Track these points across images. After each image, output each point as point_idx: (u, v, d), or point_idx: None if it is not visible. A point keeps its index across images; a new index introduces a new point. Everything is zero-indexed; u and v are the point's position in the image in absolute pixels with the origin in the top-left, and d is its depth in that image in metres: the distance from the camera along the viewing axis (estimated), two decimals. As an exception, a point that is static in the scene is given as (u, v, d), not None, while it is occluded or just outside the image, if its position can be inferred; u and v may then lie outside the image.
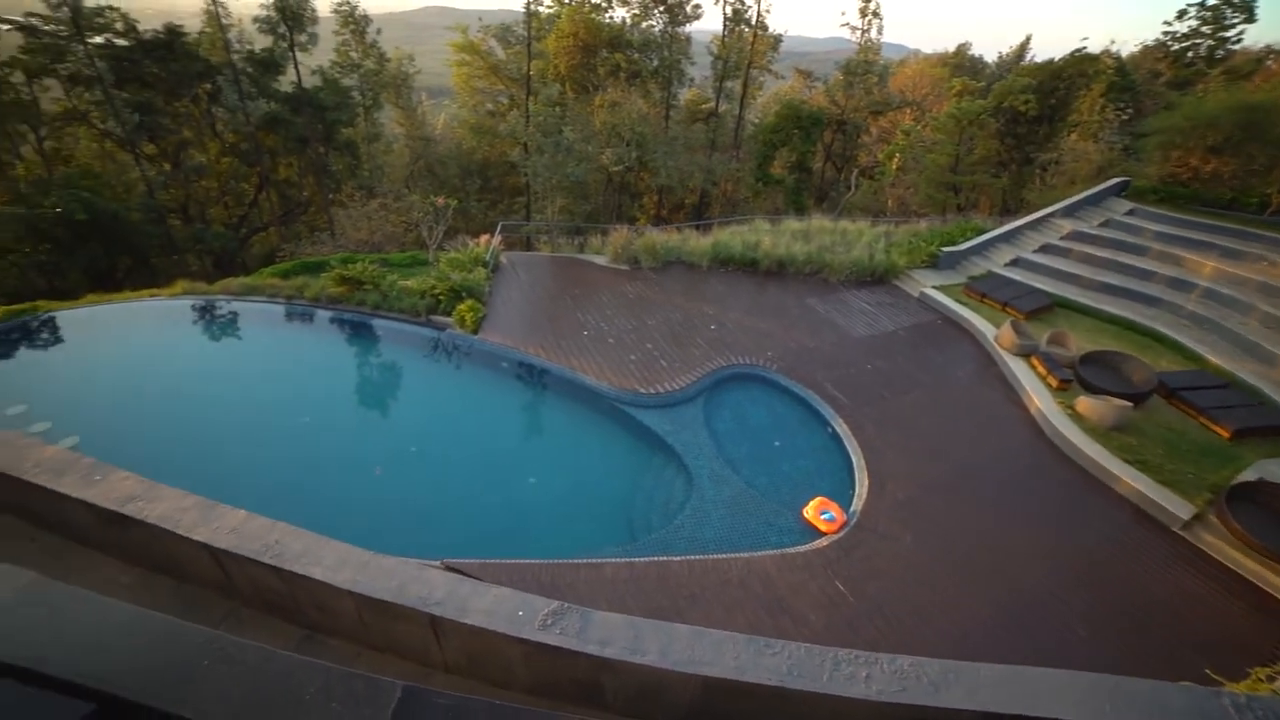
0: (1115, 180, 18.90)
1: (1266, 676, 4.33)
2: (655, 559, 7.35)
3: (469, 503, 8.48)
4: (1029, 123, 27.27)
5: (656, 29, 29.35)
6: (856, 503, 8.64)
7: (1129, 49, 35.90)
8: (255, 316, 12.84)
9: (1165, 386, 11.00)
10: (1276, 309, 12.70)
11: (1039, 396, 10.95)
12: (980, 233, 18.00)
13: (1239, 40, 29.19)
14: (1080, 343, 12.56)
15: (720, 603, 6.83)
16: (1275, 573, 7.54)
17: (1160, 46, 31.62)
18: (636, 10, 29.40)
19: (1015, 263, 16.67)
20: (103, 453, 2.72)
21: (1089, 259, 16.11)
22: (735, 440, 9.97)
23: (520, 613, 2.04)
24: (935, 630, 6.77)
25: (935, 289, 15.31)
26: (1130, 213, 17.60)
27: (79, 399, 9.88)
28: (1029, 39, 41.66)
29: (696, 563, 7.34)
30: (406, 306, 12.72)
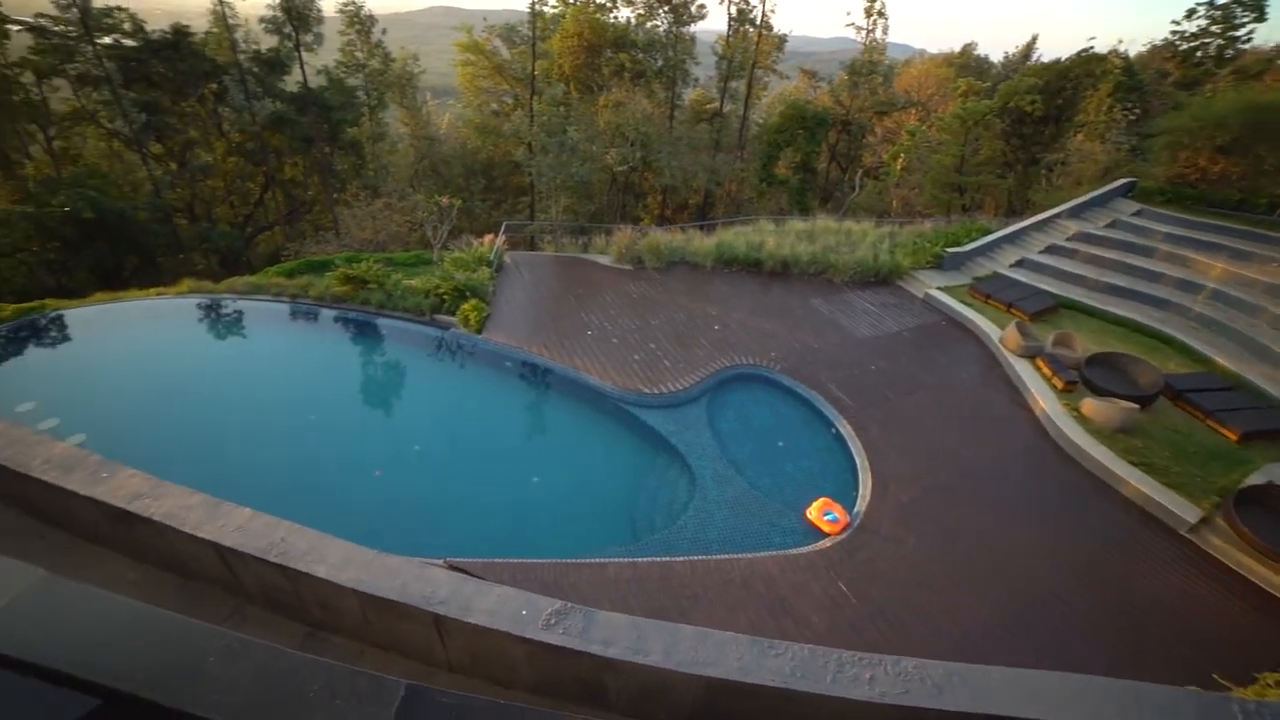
0: (1122, 181, 18.80)
1: (1275, 682, 4.29)
2: (658, 559, 7.35)
3: (472, 502, 8.50)
4: (1035, 123, 27.12)
5: (661, 29, 29.37)
6: (860, 504, 8.62)
7: (1137, 49, 35.67)
8: (260, 315, 12.91)
9: (1172, 388, 10.93)
10: (1285, 311, 12.61)
11: (1044, 398, 10.89)
12: (985, 234, 17.92)
13: (1249, 40, 28.94)
14: (1086, 344, 12.48)
15: (723, 603, 6.82)
16: (1283, 577, 7.48)
17: (1168, 46, 31.38)
18: (641, 10, 29.42)
19: (1020, 264, 16.59)
20: (109, 450, 2.74)
21: (1095, 260, 16.02)
22: (739, 441, 9.95)
23: (524, 612, 2.04)
24: (938, 632, 6.75)
25: (940, 290, 15.25)
26: (1137, 214, 17.48)
27: (86, 396, 9.95)
28: (1035, 39, 41.50)
29: (699, 563, 7.34)
30: (411, 306, 12.76)
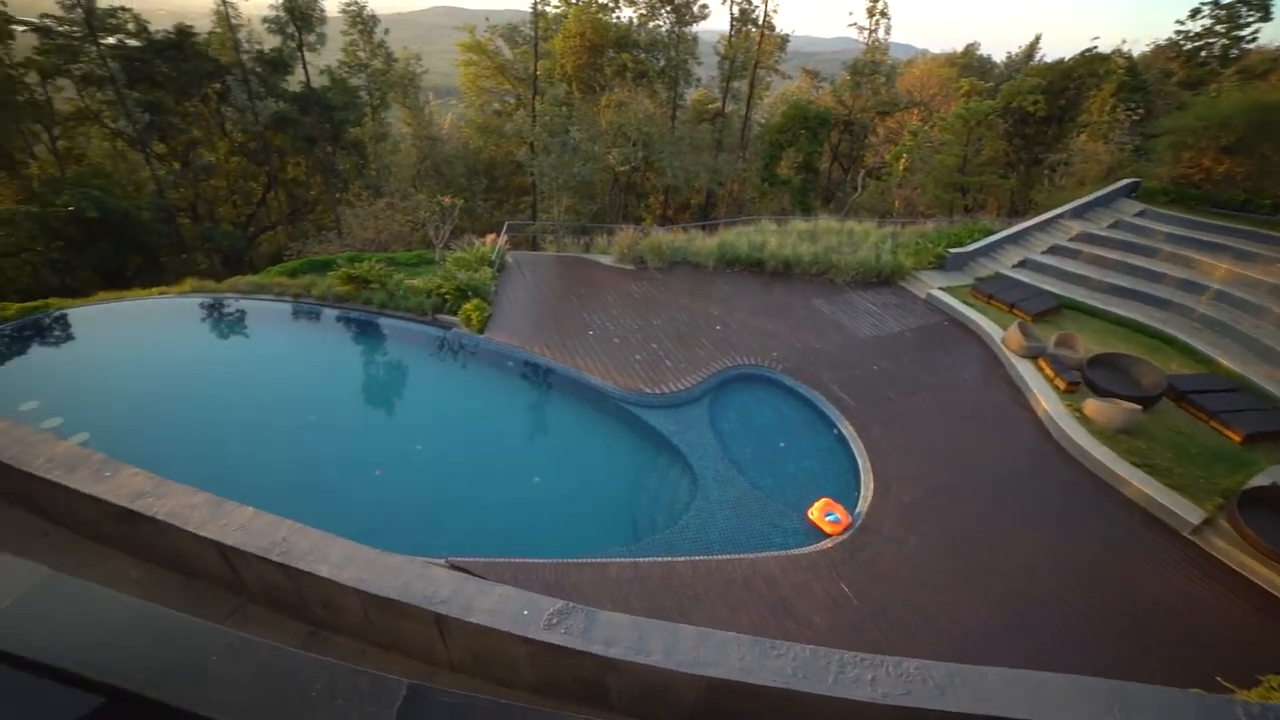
0: (1125, 181, 18.73)
1: (1279, 684, 4.27)
2: (660, 559, 7.34)
3: (474, 501, 8.50)
4: (1038, 123, 27.05)
5: (663, 29, 29.37)
6: (861, 504, 8.60)
7: (1140, 48, 35.53)
8: (263, 315, 12.93)
9: (1175, 389, 10.89)
10: (1289, 312, 12.57)
11: (1046, 399, 10.86)
12: (988, 234, 17.88)
13: (1254, 39, 28.82)
14: (1088, 345, 12.45)
15: (724, 603, 6.82)
16: (1287, 579, 7.46)
17: (1173, 46, 31.27)
18: (643, 10, 29.42)
19: (1023, 264, 16.55)
20: (112, 449, 2.75)
21: (1098, 261, 15.97)
22: (740, 441, 9.95)
23: (525, 612, 2.04)
24: (939, 632, 6.73)
25: (942, 290, 15.22)
26: (1140, 214, 17.43)
27: (90, 395, 9.98)
28: (1038, 39, 41.41)
29: (701, 563, 7.33)
30: (413, 305, 12.78)
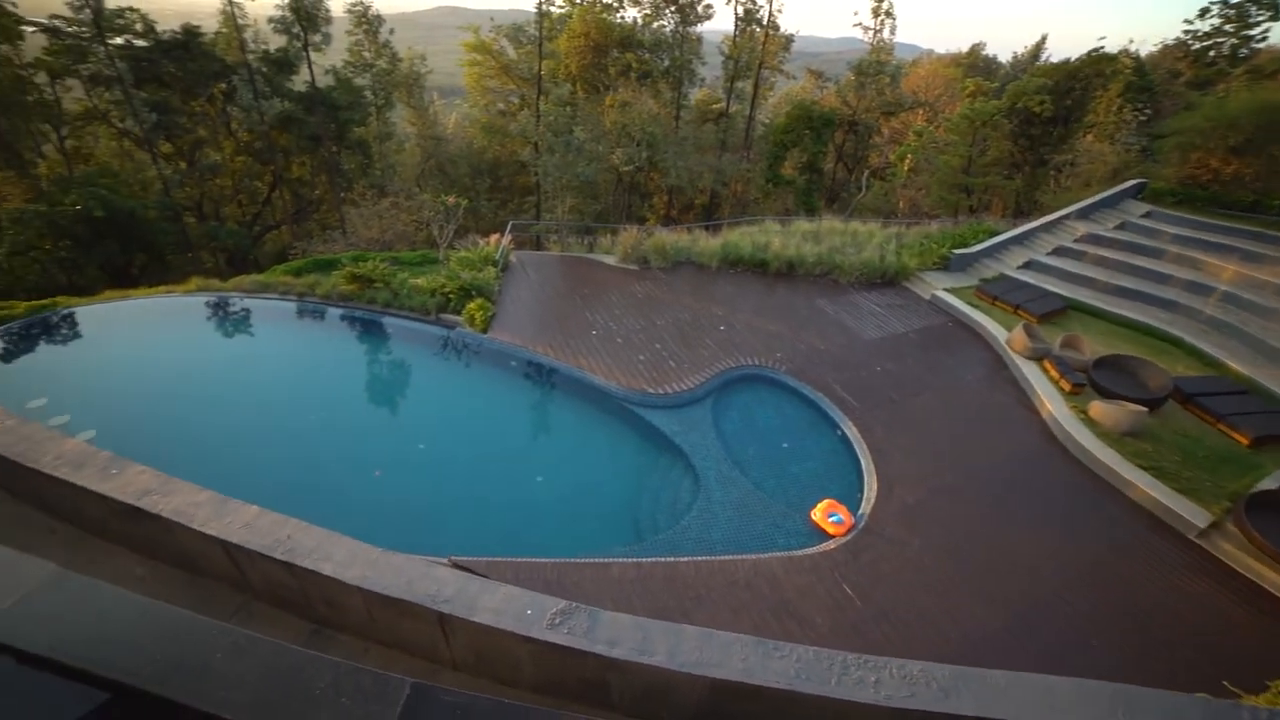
0: (1132, 182, 18.63)
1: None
2: (662, 559, 7.34)
3: (476, 501, 8.52)
4: (1043, 124, 26.92)
5: (668, 29, 29.36)
6: (864, 506, 8.58)
7: (1148, 49, 35.30)
8: (267, 313, 12.99)
9: (1181, 392, 10.82)
10: (1298, 314, 12.48)
11: (1051, 400, 10.81)
12: (993, 235, 17.81)
13: (1264, 39, 28.55)
14: (1094, 347, 12.38)
15: (727, 604, 6.81)
16: (1294, 583, 7.40)
17: (1180, 46, 31.04)
18: (648, 10, 29.42)
19: (1028, 265, 16.47)
20: (118, 446, 2.76)
21: (1104, 262, 15.88)
22: (743, 441, 9.93)
23: (529, 611, 2.05)
24: (942, 634, 6.71)
25: (946, 291, 15.17)
26: (1147, 215, 17.33)
27: (96, 393, 10.04)
28: (1044, 39, 41.18)
29: (703, 564, 7.33)
30: (417, 305, 12.81)
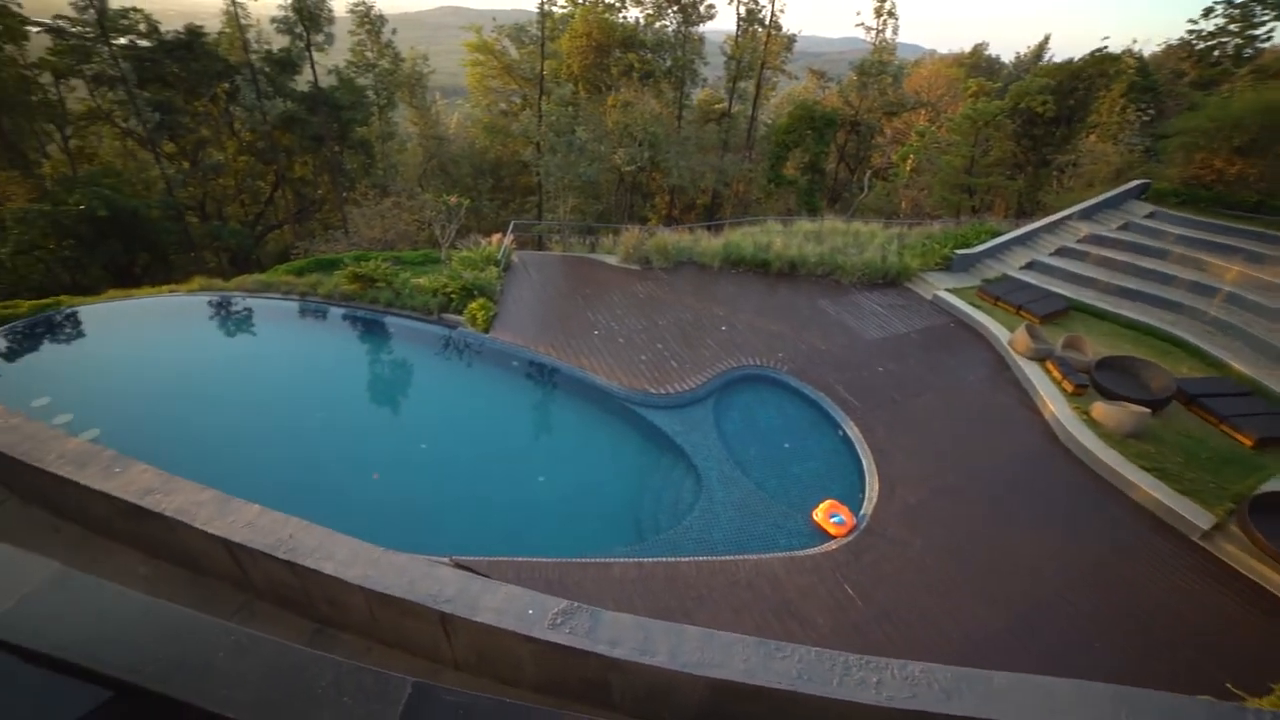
0: (1135, 183, 18.57)
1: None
2: (664, 559, 7.34)
3: (478, 500, 8.52)
4: (1046, 124, 26.85)
5: (670, 29, 29.34)
6: (866, 506, 8.57)
7: (1151, 49, 35.15)
8: (270, 313, 13.01)
9: (1185, 393, 10.79)
10: (1302, 315, 12.43)
11: (1053, 401, 10.78)
12: (995, 235, 17.77)
13: (1268, 39, 28.42)
14: (1097, 348, 12.35)
15: (728, 604, 6.81)
16: (1298, 585, 7.37)
17: (1184, 46, 30.94)
18: (650, 10, 29.41)
19: (1031, 266, 16.43)
20: (121, 445, 2.77)
21: (1107, 263, 15.84)
22: (745, 442, 9.92)
23: (530, 611, 2.05)
24: (944, 635, 6.70)
25: (948, 292, 15.14)
26: (1150, 216, 17.27)
27: (99, 392, 10.07)
28: (1047, 39, 41.05)
29: (705, 564, 7.33)
30: (419, 304, 12.83)
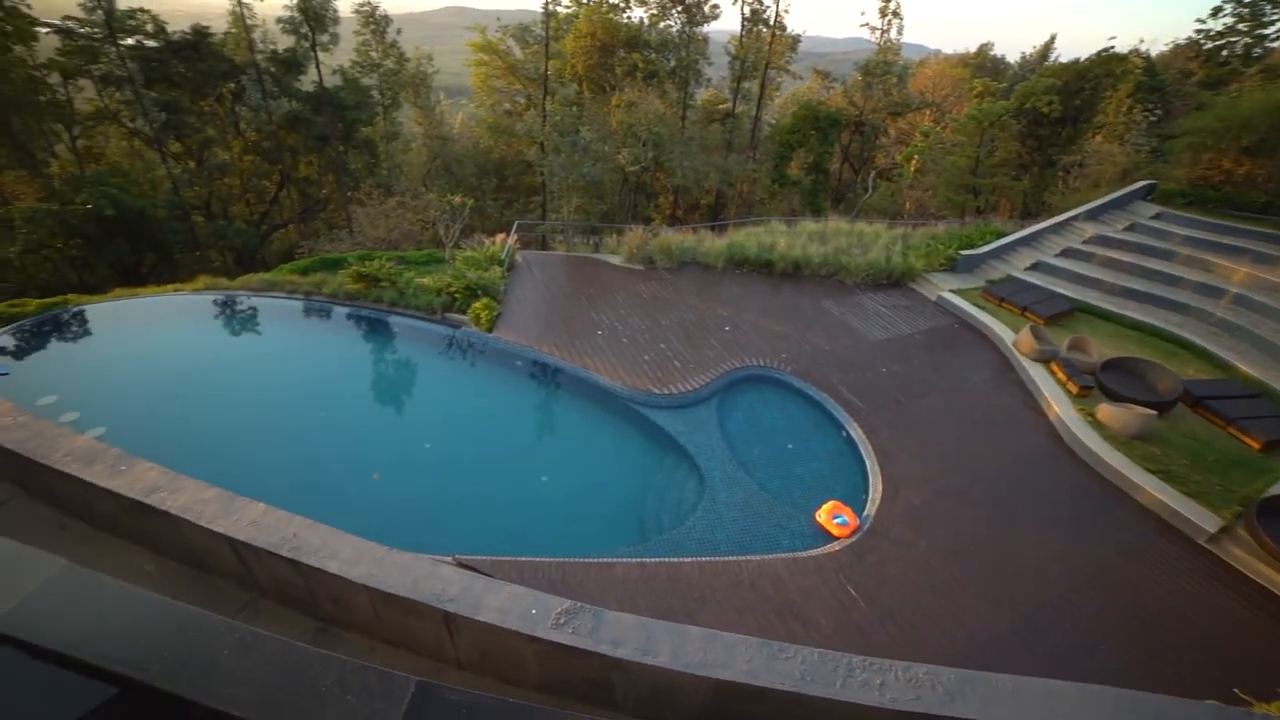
0: (1141, 183, 18.45)
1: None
2: (666, 559, 7.33)
3: (481, 500, 8.54)
4: (1052, 124, 26.72)
5: (674, 29, 29.34)
6: (870, 507, 8.54)
7: (1159, 48, 34.98)
8: (275, 312, 13.06)
9: (1191, 395, 10.71)
10: (1310, 317, 12.33)
11: (1058, 403, 10.73)
12: (1000, 236, 17.70)
13: (1278, 38, 28.22)
14: (1102, 349, 12.28)
15: (731, 605, 6.80)
16: (1306, 589, 7.31)
17: (1192, 45, 30.74)
18: (654, 10, 29.41)
19: (1036, 267, 16.36)
20: (127, 443, 2.78)
21: (1112, 264, 15.75)
22: (748, 442, 9.91)
23: (534, 611, 2.05)
24: (947, 637, 6.67)
25: (953, 293, 15.08)
26: (1157, 216, 17.17)
27: (106, 390, 10.13)
28: (1053, 39, 40.96)
29: (708, 564, 7.32)
30: (422, 304, 12.85)
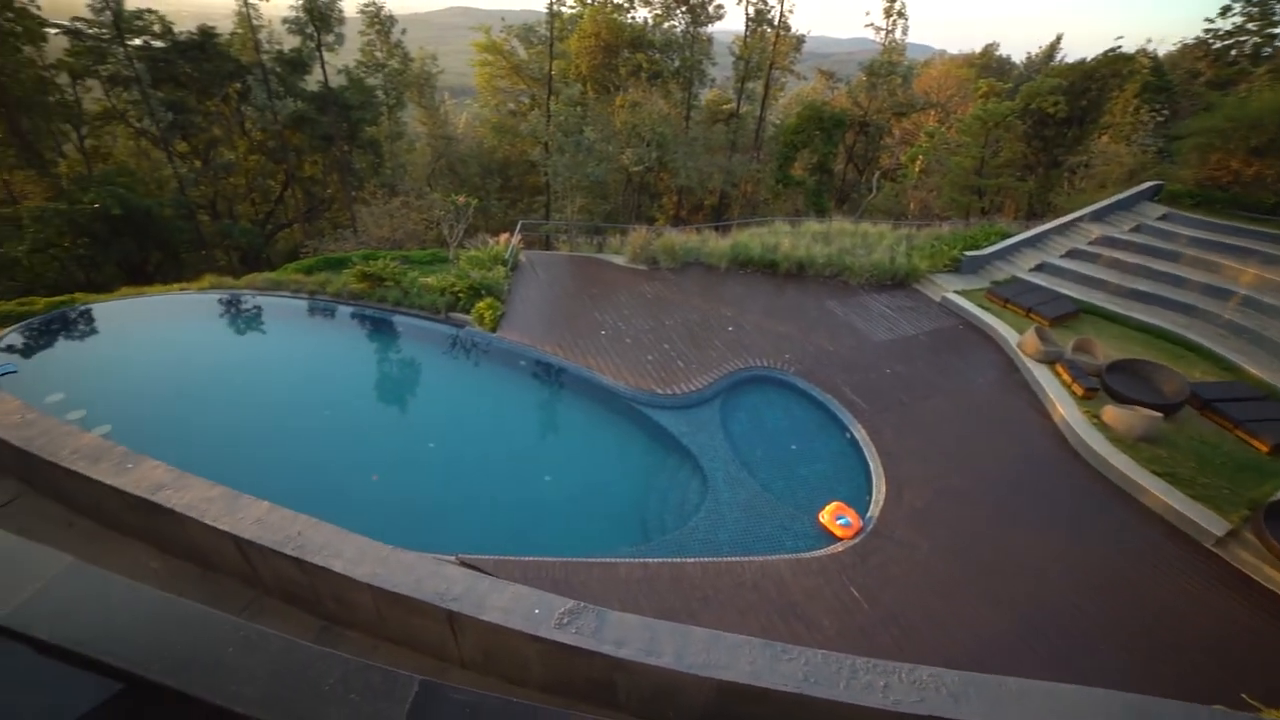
0: (1148, 184, 18.34)
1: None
2: (669, 560, 7.33)
3: (484, 499, 8.55)
4: (1058, 125, 26.60)
5: (678, 29, 29.34)
6: (873, 508, 8.52)
7: (1167, 48, 34.74)
8: (279, 311, 13.12)
9: (1199, 398, 10.64)
10: (1319, 319, 12.23)
11: (1063, 405, 10.67)
12: (1004, 237, 17.62)
13: (1289, 37, 27.96)
14: (1108, 351, 12.21)
15: (734, 606, 6.79)
16: (1314, 593, 7.25)
17: (1201, 45, 30.53)
18: (658, 10, 29.41)
19: (1041, 268, 16.28)
20: (132, 441, 2.80)
21: (1118, 265, 15.66)
22: (751, 443, 9.89)
23: (537, 611, 2.05)
24: (951, 639, 6.64)
25: (957, 294, 15.02)
26: (1163, 217, 17.06)
27: (112, 388, 10.19)
28: (1059, 38, 40.74)
29: (710, 565, 7.31)
30: (426, 303, 12.89)
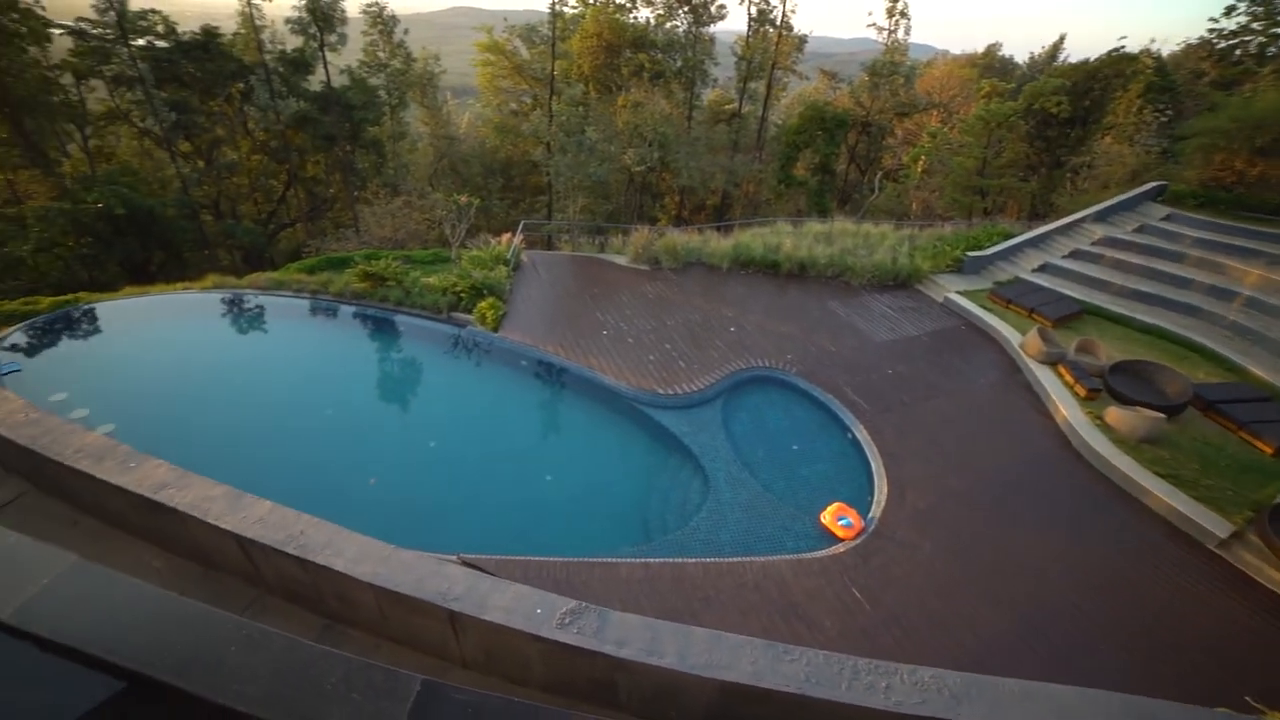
0: (1152, 184, 18.29)
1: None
2: (670, 560, 7.33)
3: (485, 499, 8.56)
4: (1060, 125, 26.54)
5: (680, 29, 29.36)
6: (875, 509, 8.51)
7: (1170, 48, 34.60)
8: (281, 310, 13.15)
9: (1202, 399, 10.61)
10: (1324, 320, 12.18)
11: (1066, 406, 10.65)
12: (1007, 237, 17.59)
13: (1294, 36, 27.80)
14: (1111, 351, 12.18)
15: (735, 606, 6.79)
16: (1318, 596, 7.22)
17: (1205, 45, 30.40)
18: (661, 11, 29.43)
19: (1043, 269, 16.24)
20: (135, 440, 2.81)
21: (1121, 265, 15.61)
22: (753, 443, 9.89)
23: (538, 611, 2.05)
24: (952, 640, 6.63)
25: (959, 294, 15.00)
26: (1167, 218, 17.01)
27: (115, 387, 10.22)
28: (1062, 38, 40.56)
29: (712, 565, 7.31)
30: (428, 303, 12.90)
